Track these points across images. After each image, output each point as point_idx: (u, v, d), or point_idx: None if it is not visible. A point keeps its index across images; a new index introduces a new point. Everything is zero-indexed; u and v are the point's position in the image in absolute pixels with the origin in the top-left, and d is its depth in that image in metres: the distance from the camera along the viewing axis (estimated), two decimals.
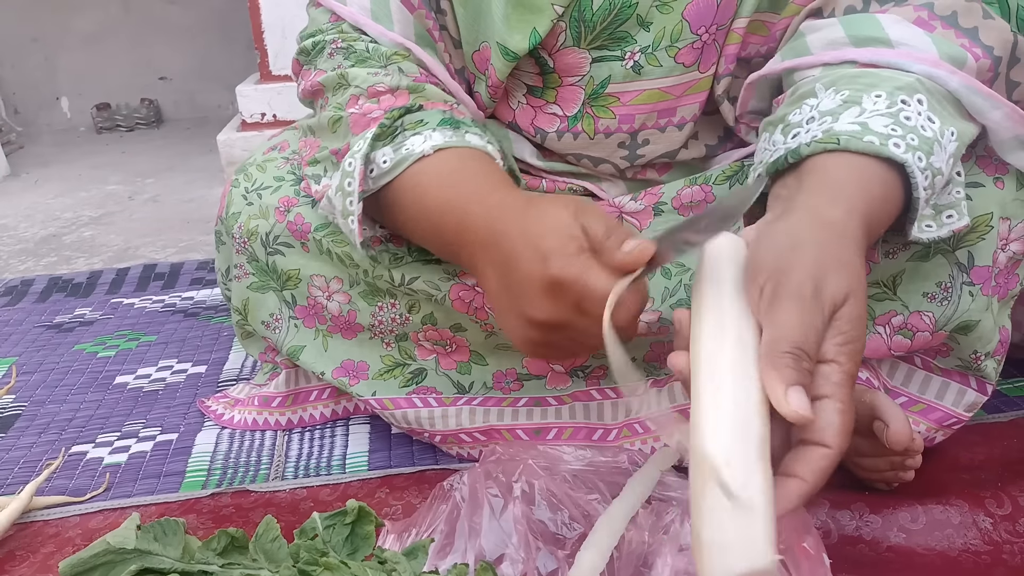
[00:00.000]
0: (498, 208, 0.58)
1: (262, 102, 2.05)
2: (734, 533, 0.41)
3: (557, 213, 0.54)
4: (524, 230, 0.55)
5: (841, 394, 0.45)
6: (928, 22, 0.61)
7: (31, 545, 0.73)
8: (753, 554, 0.41)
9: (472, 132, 0.68)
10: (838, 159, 0.54)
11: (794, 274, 0.46)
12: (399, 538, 0.66)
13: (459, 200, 0.61)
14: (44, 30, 2.93)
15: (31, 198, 2.09)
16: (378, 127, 0.67)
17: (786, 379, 0.43)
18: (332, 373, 0.82)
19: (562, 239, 0.52)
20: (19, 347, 1.17)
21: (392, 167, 0.66)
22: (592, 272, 0.51)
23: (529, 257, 0.53)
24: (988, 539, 0.66)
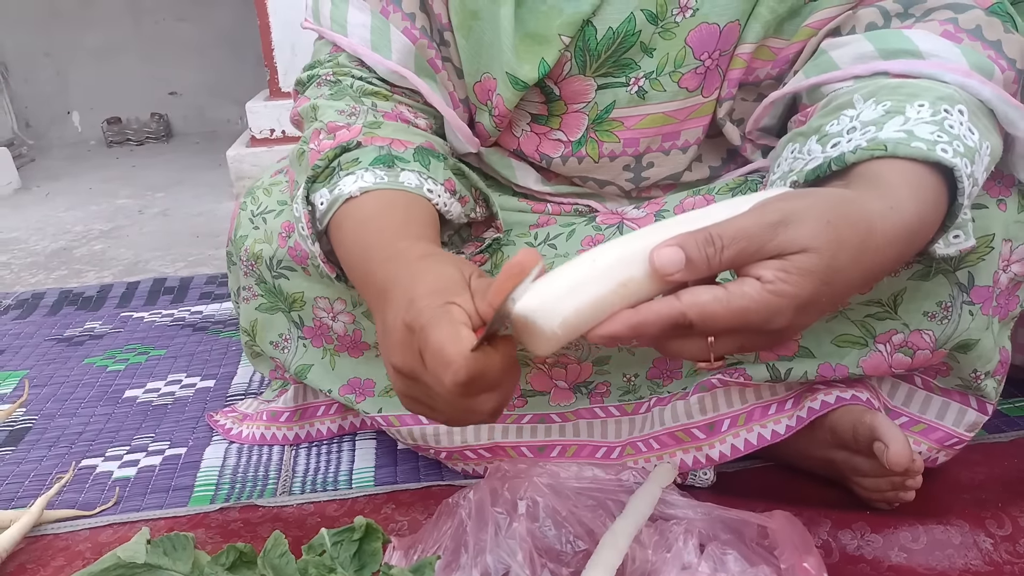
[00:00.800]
0: (394, 259, 0.57)
1: (271, 118, 2.07)
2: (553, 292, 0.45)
3: (443, 268, 0.52)
4: (409, 280, 0.53)
5: (736, 297, 0.45)
6: (955, 35, 0.61)
7: (42, 558, 0.74)
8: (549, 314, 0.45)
9: (409, 170, 0.67)
10: (887, 165, 0.53)
11: (777, 203, 0.47)
12: (406, 554, 0.66)
13: (367, 248, 0.61)
14: (56, 45, 2.97)
15: (42, 211, 2.11)
16: (312, 168, 0.67)
17: (680, 240, 0.45)
18: (339, 391, 0.83)
19: (432, 291, 0.50)
20: (30, 360, 1.18)
21: (327, 208, 0.66)
22: (437, 326, 0.47)
23: (397, 304, 0.52)
24: (988, 559, 0.66)
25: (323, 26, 0.78)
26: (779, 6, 0.69)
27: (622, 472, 0.69)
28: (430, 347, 0.47)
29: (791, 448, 0.75)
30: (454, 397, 0.48)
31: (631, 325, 0.46)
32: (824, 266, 0.46)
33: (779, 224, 0.46)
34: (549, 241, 0.76)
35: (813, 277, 0.46)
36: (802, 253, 0.46)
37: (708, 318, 0.46)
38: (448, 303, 0.49)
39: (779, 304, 0.46)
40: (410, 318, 0.49)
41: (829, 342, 0.70)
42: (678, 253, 0.45)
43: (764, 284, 0.46)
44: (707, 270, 0.46)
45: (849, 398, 0.71)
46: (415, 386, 0.51)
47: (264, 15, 1.99)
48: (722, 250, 0.45)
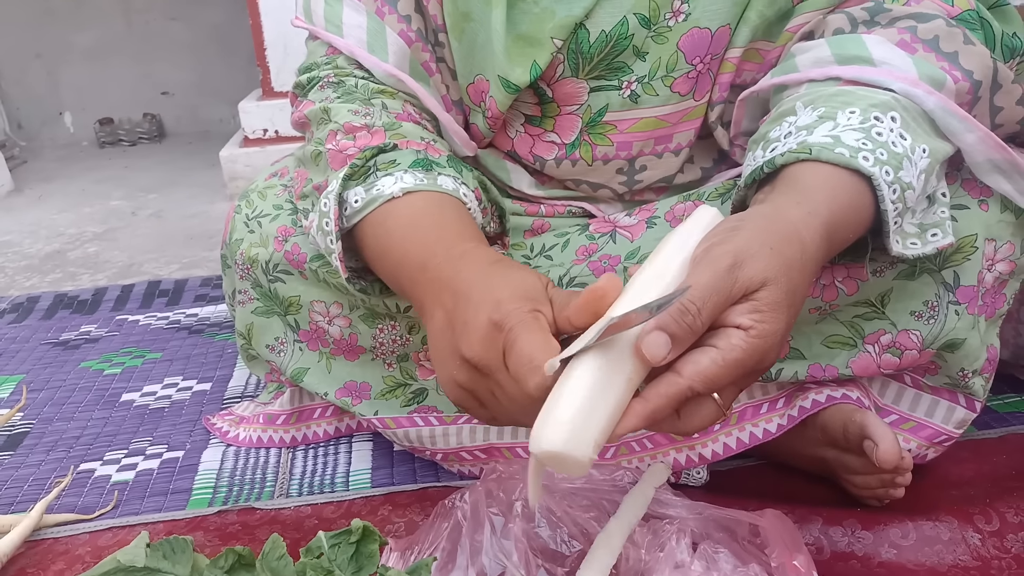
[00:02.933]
0: (462, 259, 0.58)
1: (264, 118, 2.07)
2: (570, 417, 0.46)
3: (524, 275, 0.55)
4: (489, 281, 0.54)
5: (729, 353, 0.47)
6: (911, 44, 0.63)
7: (42, 563, 0.75)
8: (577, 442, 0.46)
9: (445, 174, 0.68)
10: (809, 168, 0.56)
11: (721, 247, 0.49)
12: (402, 556, 0.67)
13: (423, 245, 0.62)
14: (47, 46, 2.96)
15: (35, 214, 2.11)
16: (349, 167, 0.67)
17: (659, 322, 0.47)
18: (335, 394, 0.84)
19: (520, 296, 0.52)
20: (26, 364, 1.18)
21: (362, 207, 0.66)
22: (529, 330, 0.50)
23: (481, 299, 0.53)
24: (977, 555, 0.67)
25: (316, 25, 0.78)
26: (767, 10, 0.70)
27: (616, 472, 0.70)
28: (517, 350, 0.49)
29: (783, 446, 0.76)
30: (526, 400, 0.50)
31: (646, 416, 0.48)
32: (785, 291, 0.49)
33: (734, 267, 0.48)
34: (545, 253, 0.77)
35: (782, 306, 0.49)
36: (764, 288, 0.48)
37: (711, 381, 0.48)
38: (535, 310, 0.51)
39: (766, 344, 0.48)
40: (499, 317, 0.51)
41: (819, 343, 0.71)
42: (664, 338, 0.47)
43: (747, 332, 0.48)
44: (693, 338, 0.48)
45: (840, 397, 0.72)
46: (482, 381, 0.53)
47: (256, 14, 1.99)
48: (699, 314, 0.47)
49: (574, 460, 0.46)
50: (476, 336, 0.52)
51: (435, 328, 0.57)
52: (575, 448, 0.46)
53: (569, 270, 0.74)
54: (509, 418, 0.54)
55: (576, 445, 0.46)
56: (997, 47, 0.66)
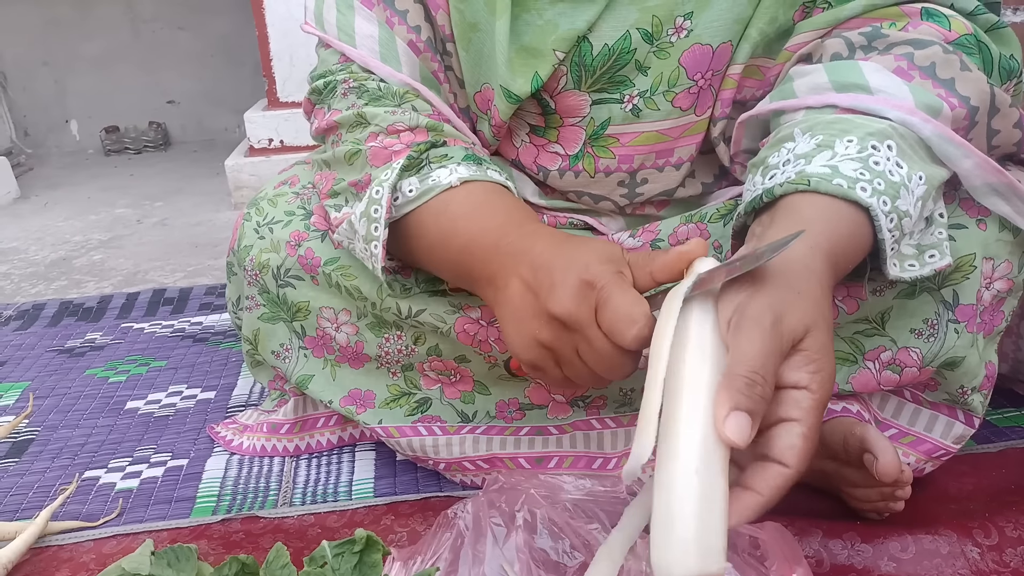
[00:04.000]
0: (535, 235, 0.62)
1: (270, 128, 2.09)
2: (693, 535, 0.44)
3: (603, 244, 0.58)
4: (568, 250, 0.58)
5: (808, 419, 0.47)
6: (907, 71, 0.64)
7: (46, 570, 0.75)
8: (707, 557, 0.44)
9: (493, 169, 0.71)
10: (808, 199, 0.57)
11: (755, 307, 0.49)
12: (405, 565, 0.67)
13: (491, 227, 0.64)
14: (54, 54, 2.98)
15: (41, 221, 2.12)
16: (406, 159, 0.69)
17: (732, 401, 0.46)
18: (340, 402, 0.84)
19: (605, 259, 0.56)
20: (31, 371, 1.19)
21: (418, 196, 0.68)
22: (621, 287, 0.53)
23: (569, 262, 0.56)
24: (976, 568, 0.68)
25: (328, 34, 0.78)
26: (768, 28, 0.71)
27: (619, 483, 0.70)
28: (613, 304, 0.53)
29: None
30: (618, 353, 0.54)
31: (762, 509, 0.47)
32: (826, 330, 0.49)
33: (776, 323, 0.48)
34: None
35: (829, 346, 0.49)
36: (808, 336, 0.48)
37: (809, 454, 0.47)
38: (620, 271, 0.55)
39: (828, 390, 0.48)
40: (589, 277, 0.54)
41: None
42: (745, 419, 0.46)
43: (810, 390, 0.47)
44: (766, 407, 0.47)
45: (840, 410, 0.72)
46: (568, 337, 0.56)
47: (262, 25, 2.01)
48: (765, 382, 0.46)
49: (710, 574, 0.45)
50: (567, 294, 0.55)
51: (511, 295, 0.59)
52: (710, 564, 0.44)
53: None
54: (587, 377, 0.57)
55: (709, 560, 0.44)
56: (995, 70, 0.66)
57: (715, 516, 0.45)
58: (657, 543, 0.45)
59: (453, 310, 0.75)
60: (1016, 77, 0.67)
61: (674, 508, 0.45)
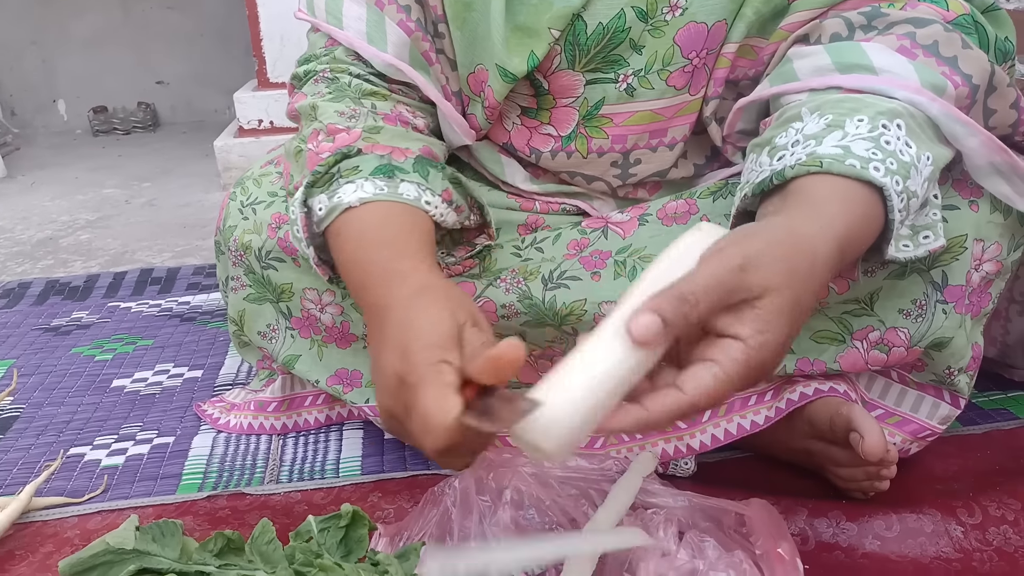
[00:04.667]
0: (391, 283, 0.59)
1: (259, 109, 2.07)
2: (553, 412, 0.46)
3: (435, 316, 0.53)
4: (404, 319, 0.54)
5: (729, 367, 0.47)
6: (910, 50, 0.63)
7: (30, 545, 0.75)
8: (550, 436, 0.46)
9: (409, 180, 0.68)
10: (821, 181, 0.56)
11: (733, 248, 0.49)
12: (391, 541, 0.67)
13: (364, 263, 0.63)
14: (42, 33, 2.95)
15: (28, 200, 2.10)
16: (312, 174, 0.68)
17: (654, 305, 0.46)
18: (327, 381, 0.84)
19: (426, 344, 0.51)
20: (16, 349, 1.18)
21: (325, 215, 0.67)
22: (428, 388, 0.49)
23: (393, 346, 0.53)
24: (959, 547, 0.68)
25: (318, 18, 0.78)
26: (763, 7, 0.71)
27: (605, 462, 0.71)
28: (418, 408, 0.49)
29: (770, 438, 0.76)
30: (429, 454, 0.51)
31: (642, 422, 0.47)
32: (789, 302, 0.48)
33: (741, 268, 0.48)
34: (536, 245, 0.77)
35: (784, 316, 0.48)
36: (766, 296, 0.48)
37: (714, 398, 0.47)
38: (441, 361, 0.50)
39: (766, 355, 0.48)
40: (403, 370, 0.51)
41: (808, 338, 0.72)
42: (655, 319, 0.46)
43: (747, 343, 0.47)
44: (685, 328, 0.47)
45: (827, 390, 0.73)
46: (398, 426, 0.54)
47: (252, 5, 1.99)
48: (696, 305, 0.47)
49: (550, 453, 0.47)
50: (384, 386, 0.53)
51: (372, 362, 0.57)
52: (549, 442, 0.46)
53: (560, 264, 0.75)
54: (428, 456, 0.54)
55: (550, 440, 0.46)
56: (991, 51, 0.66)
57: (584, 407, 0.46)
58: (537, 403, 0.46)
59: None
60: (1011, 59, 0.67)
61: (554, 382, 0.47)
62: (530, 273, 0.75)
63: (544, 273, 0.75)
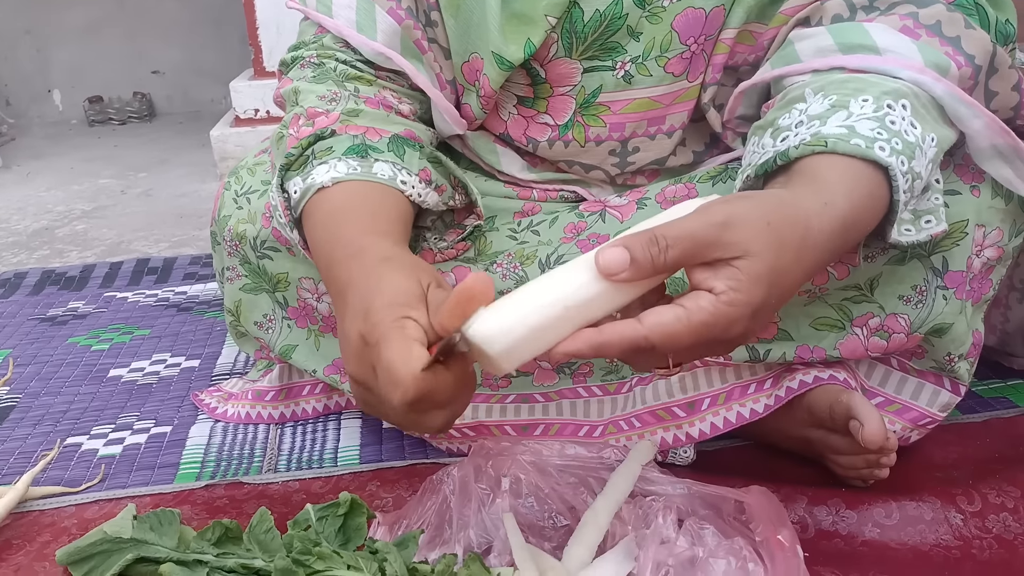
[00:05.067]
0: (355, 258, 0.57)
1: (256, 98, 2.06)
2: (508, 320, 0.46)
3: (398, 279, 0.52)
4: (365, 287, 0.53)
5: (694, 315, 0.46)
6: (914, 30, 0.63)
7: (28, 534, 0.75)
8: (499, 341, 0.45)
9: (383, 160, 0.67)
10: (826, 160, 0.56)
11: (720, 205, 0.49)
12: (390, 529, 0.67)
13: (330, 241, 0.62)
14: (37, 22, 2.93)
15: (23, 191, 2.09)
16: (285, 157, 0.68)
17: (624, 240, 0.46)
18: (324, 371, 0.84)
19: (388, 303, 0.50)
20: (13, 339, 1.18)
21: (300, 197, 0.66)
22: (392, 343, 0.48)
23: (354, 311, 0.52)
24: (958, 535, 0.68)
25: (308, 6, 0.78)
26: None
27: (604, 450, 0.70)
28: (382, 363, 0.48)
29: (769, 427, 0.76)
30: (402, 413, 0.49)
31: (593, 345, 0.47)
32: (769, 267, 0.48)
33: (721, 225, 0.47)
34: (532, 228, 0.77)
35: (761, 281, 0.48)
36: (745, 258, 0.47)
37: (671, 338, 0.47)
38: (404, 317, 0.49)
39: (735, 313, 0.47)
40: (365, 330, 0.50)
41: (807, 325, 0.72)
42: (622, 253, 0.46)
43: (718, 296, 0.47)
44: (652, 270, 0.47)
45: (827, 378, 0.72)
46: (368, 394, 0.52)
47: None
48: (666, 249, 0.46)
49: (493, 358, 0.46)
50: (350, 352, 0.52)
51: (340, 331, 0.56)
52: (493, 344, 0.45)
53: (557, 248, 0.74)
54: (404, 427, 0.54)
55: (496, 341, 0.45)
56: (991, 33, 0.66)
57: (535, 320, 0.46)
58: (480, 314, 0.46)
59: None
60: (1012, 43, 0.67)
61: (511, 296, 0.46)
62: (527, 257, 0.75)
63: (541, 257, 0.74)
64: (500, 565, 0.61)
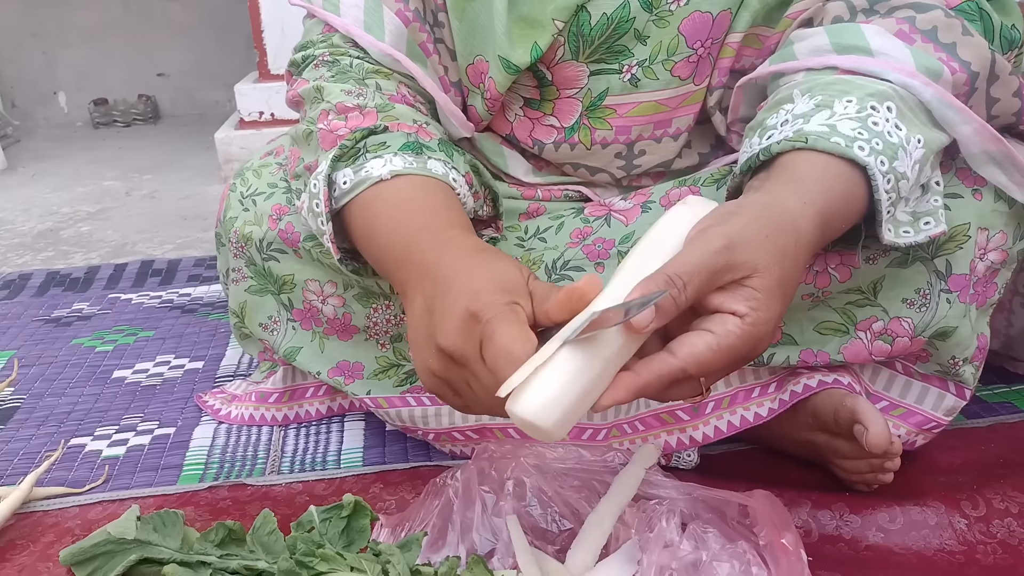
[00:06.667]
0: (446, 246, 0.58)
1: (260, 101, 2.06)
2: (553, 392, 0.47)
3: (505, 266, 0.55)
4: (467, 269, 0.55)
5: (724, 339, 0.48)
6: (909, 35, 0.63)
7: (31, 534, 0.75)
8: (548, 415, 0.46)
9: (436, 158, 0.68)
10: (805, 157, 0.57)
11: (716, 229, 0.50)
12: (393, 531, 0.67)
13: (409, 229, 0.62)
14: (43, 25, 2.94)
15: (28, 192, 2.10)
16: (339, 148, 0.67)
17: (644, 289, 0.47)
18: (328, 373, 0.84)
19: (499, 288, 0.52)
20: (17, 340, 1.18)
21: (350, 188, 0.66)
22: (507, 322, 0.50)
23: (460, 289, 0.53)
24: (963, 540, 0.68)
25: (314, 4, 0.77)
26: None
27: (607, 453, 0.70)
28: (496, 341, 0.49)
29: (773, 431, 0.76)
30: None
31: (635, 390, 0.48)
32: (778, 279, 0.50)
33: (725, 249, 0.49)
34: (539, 235, 0.77)
35: (775, 293, 0.49)
36: (755, 276, 0.49)
37: (704, 365, 0.48)
38: (513, 303, 0.51)
39: (760, 332, 0.49)
40: (476, 308, 0.51)
41: (811, 329, 0.72)
42: (649, 309, 0.47)
43: (743, 318, 0.48)
44: (676, 311, 0.48)
45: (831, 382, 0.72)
46: (457, 370, 0.53)
47: None
48: (684, 288, 0.48)
49: (544, 431, 0.47)
50: (453, 326, 0.52)
51: (414, 314, 0.57)
52: (550, 423, 0.47)
53: (563, 253, 0.75)
54: (483, 407, 0.54)
55: (548, 418, 0.47)
56: (996, 39, 0.66)
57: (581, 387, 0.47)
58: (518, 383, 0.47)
59: None
60: (1017, 47, 0.67)
61: (553, 362, 0.47)
62: (533, 263, 0.75)
63: (547, 262, 0.74)
64: (503, 568, 0.61)
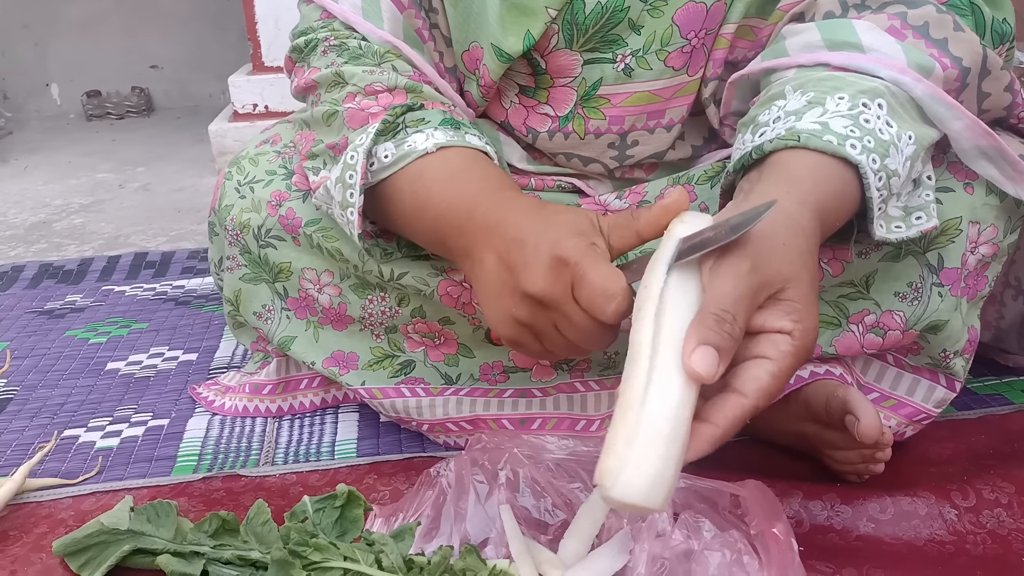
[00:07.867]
0: (509, 203, 0.61)
1: (254, 93, 2.05)
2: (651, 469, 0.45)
3: (576, 214, 0.58)
4: (539, 224, 0.57)
5: (781, 361, 0.47)
6: (900, 31, 0.63)
7: (24, 525, 0.75)
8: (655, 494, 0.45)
9: (471, 134, 0.70)
10: (797, 155, 0.57)
11: (733, 254, 0.49)
12: (387, 522, 0.67)
13: (466, 196, 0.63)
14: (35, 16, 2.92)
15: (20, 184, 2.09)
16: (381, 123, 0.68)
17: (700, 336, 0.46)
18: (322, 363, 0.84)
19: (577, 232, 0.55)
20: (10, 332, 1.18)
21: (393, 162, 0.67)
22: (595, 262, 0.53)
23: (539, 239, 0.56)
24: (952, 530, 0.68)
25: None
26: None
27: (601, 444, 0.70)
28: (589, 280, 0.52)
29: (765, 422, 0.76)
30: (598, 327, 0.54)
31: (717, 441, 0.47)
32: (809, 284, 0.50)
33: (753, 270, 0.48)
34: None
35: (811, 298, 0.49)
36: (790, 287, 0.49)
37: (772, 395, 0.48)
38: (592, 243, 0.54)
39: (810, 341, 0.49)
40: (562, 252, 0.54)
41: None
42: (710, 352, 0.46)
43: (791, 335, 0.48)
44: (736, 346, 0.47)
45: (823, 373, 0.73)
46: (544, 314, 0.56)
47: None
48: (735, 320, 0.47)
49: (651, 511, 0.46)
50: (541, 272, 0.55)
51: (487, 270, 0.59)
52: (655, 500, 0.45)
53: None
54: (567, 349, 0.57)
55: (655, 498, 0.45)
56: (987, 33, 0.66)
57: (674, 455, 0.45)
58: (611, 467, 0.45)
59: (436, 272, 0.74)
60: (1008, 41, 0.67)
61: (641, 437, 0.45)
62: None
63: None
64: (496, 557, 0.62)
